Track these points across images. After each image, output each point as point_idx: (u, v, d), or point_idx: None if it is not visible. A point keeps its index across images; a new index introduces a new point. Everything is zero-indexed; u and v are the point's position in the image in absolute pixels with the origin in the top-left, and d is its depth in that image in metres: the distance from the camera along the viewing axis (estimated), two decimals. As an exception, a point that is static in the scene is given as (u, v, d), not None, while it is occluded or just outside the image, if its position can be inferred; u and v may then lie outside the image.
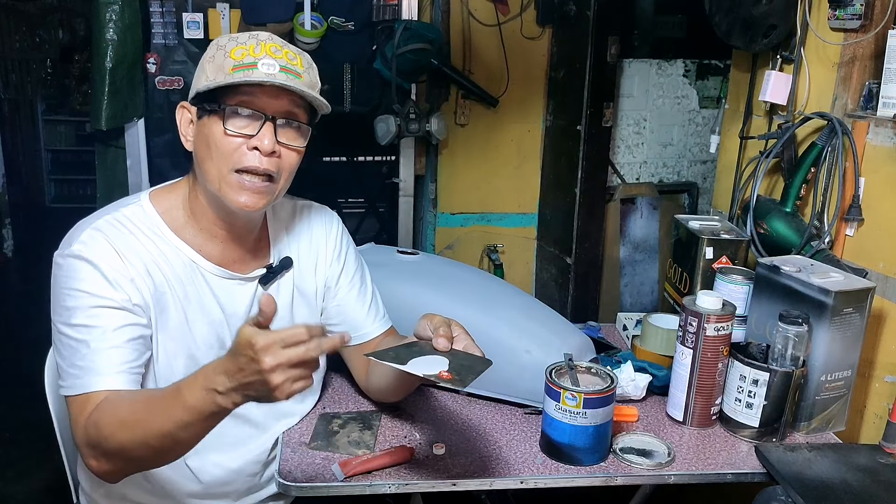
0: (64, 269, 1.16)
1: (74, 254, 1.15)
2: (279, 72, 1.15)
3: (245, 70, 1.13)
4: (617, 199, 3.05)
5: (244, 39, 1.17)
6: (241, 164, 1.16)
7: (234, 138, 1.15)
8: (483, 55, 2.98)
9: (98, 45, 2.58)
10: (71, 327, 1.14)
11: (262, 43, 1.16)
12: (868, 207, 1.61)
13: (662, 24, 3.14)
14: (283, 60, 1.16)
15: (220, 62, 1.16)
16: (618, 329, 1.93)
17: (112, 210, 1.24)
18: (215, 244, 1.27)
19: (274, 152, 1.16)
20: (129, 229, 1.21)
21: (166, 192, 1.28)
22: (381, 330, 1.43)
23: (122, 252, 1.18)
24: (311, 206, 1.43)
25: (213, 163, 1.17)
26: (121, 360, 1.14)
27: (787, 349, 1.36)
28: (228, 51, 1.16)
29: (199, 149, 1.20)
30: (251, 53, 1.15)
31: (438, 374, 1.06)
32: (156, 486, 1.30)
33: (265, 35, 1.18)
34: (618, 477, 1.28)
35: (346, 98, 2.90)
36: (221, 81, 1.13)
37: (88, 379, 1.12)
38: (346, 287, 1.42)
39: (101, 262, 1.15)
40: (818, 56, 1.77)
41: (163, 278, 1.21)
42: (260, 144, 1.15)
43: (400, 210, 3.07)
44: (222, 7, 2.72)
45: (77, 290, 1.14)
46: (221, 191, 1.18)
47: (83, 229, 1.19)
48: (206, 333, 1.26)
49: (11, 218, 4.84)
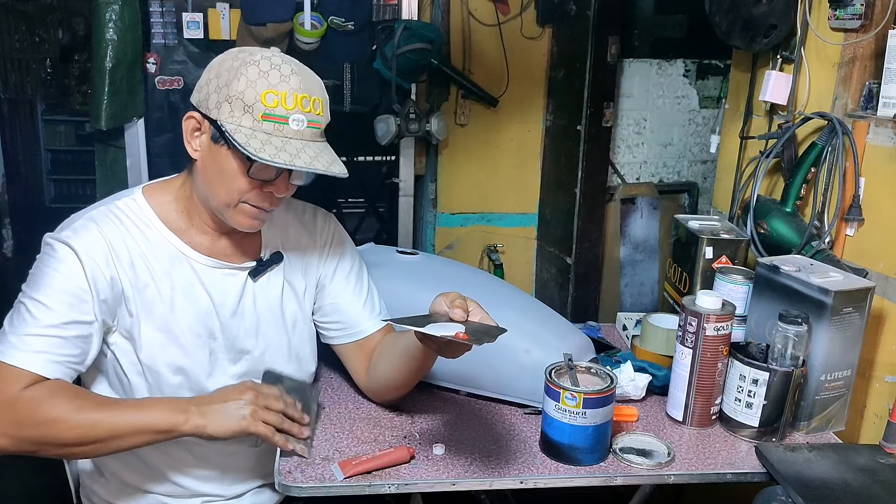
0: (50, 249, 1.21)
1: (63, 239, 1.20)
2: (307, 127, 1.17)
3: (276, 123, 1.15)
4: (617, 199, 3.05)
5: (275, 82, 1.15)
6: (253, 201, 1.21)
7: (253, 181, 1.19)
8: (483, 55, 2.98)
9: (98, 45, 2.58)
10: (33, 301, 1.18)
11: (294, 93, 1.15)
12: (868, 207, 1.61)
13: (662, 24, 3.15)
14: (311, 114, 1.17)
15: (251, 103, 1.14)
16: (618, 329, 1.93)
17: (107, 202, 1.28)
18: (205, 238, 1.30)
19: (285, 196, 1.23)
20: (120, 220, 1.25)
21: (160, 188, 1.31)
22: (378, 326, 1.44)
23: (112, 243, 1.22)
24: (305, 206, 1.45)
25: (226, 191, 1.20)
26: (54, 349, 1.17)
27: (787, 349, 1.36)
28: (259, 92, 1.14)
29: (210, 171, 1.21)
30: (283, 105, 1.15)
31: (455, 334, 1.10)
32: (154, 472, 1.33)
33: (296, 82, 1.16)
34: (617, 477, 1.28)
35: (346, 98, 2.90)
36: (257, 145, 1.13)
37: (27, 356, 1.15)
38: (342, 284, 1.42)
39: (86, 254, 1.19)
40: (818, 56, 1.77)
41: (147, 270, 1.25)
42: (276, 191, 1.21)
43: (400, 210, 3.07)
44: (222, 7, 2.72)
45: (54, 269, 1.19)
46: (226, 213, 1.23)
47: (78, 218, 1.24)
48: (192, 322, 1.28)
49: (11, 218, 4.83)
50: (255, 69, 1.15)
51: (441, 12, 2.92)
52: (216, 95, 1.17)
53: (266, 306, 1.35)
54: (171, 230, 1.27)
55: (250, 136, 1.14)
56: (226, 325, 1.31)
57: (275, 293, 1.36)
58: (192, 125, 1.21)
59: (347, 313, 1.43)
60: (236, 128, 1.14)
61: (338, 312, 1.42)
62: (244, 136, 1.14)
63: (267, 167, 1.17)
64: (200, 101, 1.20)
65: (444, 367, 1.39)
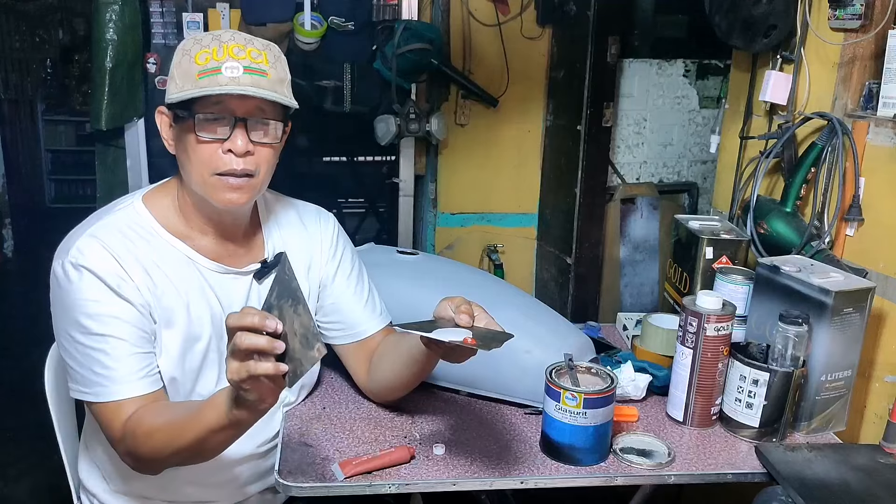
0: (66, 281, 1.18)
1: (74, 263, 1.17)
2: (243, 73, 1.15)
3: (209, 76, 1.14)
4: (617, 199, 3.05)
5: (207, 42, 1.17)
6: (218, 168, 1.19)
7: (208, 144, 1.17)
8: (483, 55, 2.98)
9: (98, 45, 2.58)
10: (85, 335, 1.17)
11: (224, 45, 1.16)
12: (868, 207, 1.61)
13: (662, 24, 3.15)
14: (246, 61, 1.16)
15: (187, 68, 1.16)
16: (618, 329, 1.93)
17: (104, 214, 1.26)
18: (208, 241, 1.29)
19: (248, 152, 1.18)
20: (123, 233, 1.23)
21: (158, 193, 1.31)
22: (379, 326, 1.44)
23: (120, 256, 1.20)
24: (306, 206, 1.45)
25: (194, 167, 1.20)
26: (140, 366, 1.20)
27: (788, 349, 1.36)
28: (193, 56, 1.16)
29: (180, 154, 1.23)
30: (214, 57, 1.15)
31: (463, 340, 1.10)
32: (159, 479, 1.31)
33: (227, 35, 1.18)
34: (618, 477, 1.28)
35: (346, 98, 2.90)
36: (189, 91, 1.14)
37: (114, 387, 1.17)
38: (343, 285, 1.42)
39: (101, 270, 1.18)
40: (818, 56, 1.77)
41: (163, 277, 1.23)
42: (233, 146, 1.17)
43: (400, 210, 3.07)
44: (222, 7, 2.72)
45: (84, 299, 1.17)
46: (206, 192, 1.21)
47: (78, 236, 1.21)
48: (208, 328, 1.28)
49: (11, 218, 4.84)
50: (192, 41, 1.19)
51: (441, 12, 2.92)
52: (168, 81, 1.20)
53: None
54: (176, 236, 1.27)
55: (186, 94, 1.15)
56: None
57: None
58: (163, 122, 1.24)
59: (348, 313, 1.42)
60: (179, 94, 1.16)
61: (338, 312, 1.42)
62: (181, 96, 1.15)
63: (216, 123, 1.16)
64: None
65: (444, 368, 1.38)
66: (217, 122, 1.17)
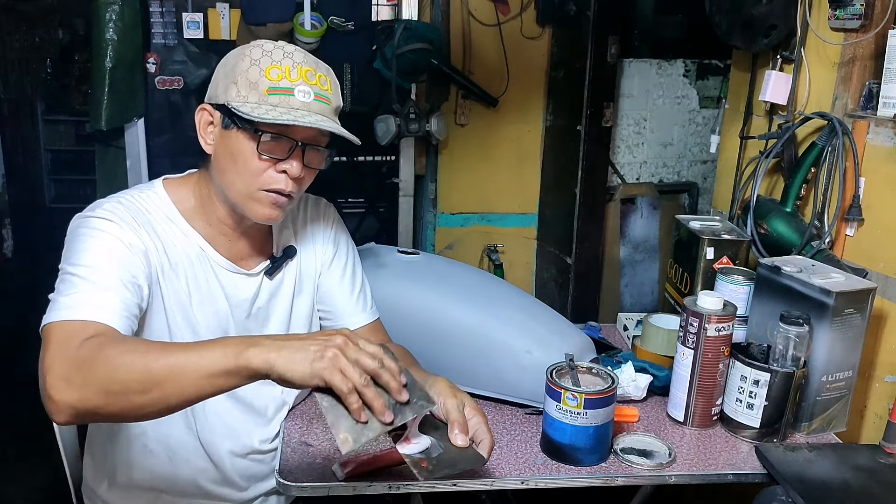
0: (83, 225, 1.16)
1: (98, 215, 1.17)
2: (313, 100, 1.16)
3: (281, 95, 1.14)
4: (617, 199, 3.06)
5: (279, 58, 1.16)
6: (269, 185, 1.19)
7: (265, 161, 1.17)
8: (483, 55, 2.98)
9: (98, 45, 2.58)
10: (78, 267, 1.11)
11: (297, 66, 1.16)
12: (868, 207, 1.61)
13: (662, 24, 3.14)
14: (317, 87, 1.17)
15: (255, 80, 1.15)
16: (618, 329, 1.93)
17: (128, 193, 1.26)
18: (224, 239, 1.29)
19: (300, 176, 1.20)
20: (147, 209, 1.23)
21: (179, 183, 1.30)
22: (365, 321, 1.44)
23: (140, 223, 1.20)
24: (307, 196, 1.45)
25: (241, 178, 1.19)
26: (123, 304, 1.10)
27: (788, 350, 1.36)
28: (263, 69, 1.15)
29: (223, 159, 1.20)
30: (287, 77, 1.15)
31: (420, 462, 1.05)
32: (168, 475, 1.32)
33: (300, 56, 1.18)
34: (618, 477, 1.28)
35: (346, 98, 2.90)
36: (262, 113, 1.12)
37: (88, 310, 1.06)
38: (337, 273, 1.43)
39: (122, 221, 1.17)
40: (818, 56, 1.77)
41: (177, 258, 1.24)
42: (289, 169, 1.18)
43: (400, 210, 3.07)
44: (222, 7, 2.72)
45: (93, 238, 1.14)
46: (245, 204, 1.21)
47: (103, 203, 1.21)
48: (210, 321, 1.28)
49: (11, 218, 4.83)
50: (259, 50, 1.17)
51: (441, 12, 2.92)
52: (224, 81, 1.18)
53: (280, 306, 1.36)
54: (194, 228, 1.27)
55: (255, 107, 1.14)
56: (240, 327, 1.31)
57: (287, 291, 1.37)
58: (204, 118, 1.22)
59: (336, 303, 1.43)
60: (243, 103, 1.15)
61: (328, 300, 1.43)
62: (249, 109, 1.14)
63: (278, 143, 1.16)
64: (211, 94, 1.21)
65: (444, 368, 1.38)
66: (278, 142, 1.17)
